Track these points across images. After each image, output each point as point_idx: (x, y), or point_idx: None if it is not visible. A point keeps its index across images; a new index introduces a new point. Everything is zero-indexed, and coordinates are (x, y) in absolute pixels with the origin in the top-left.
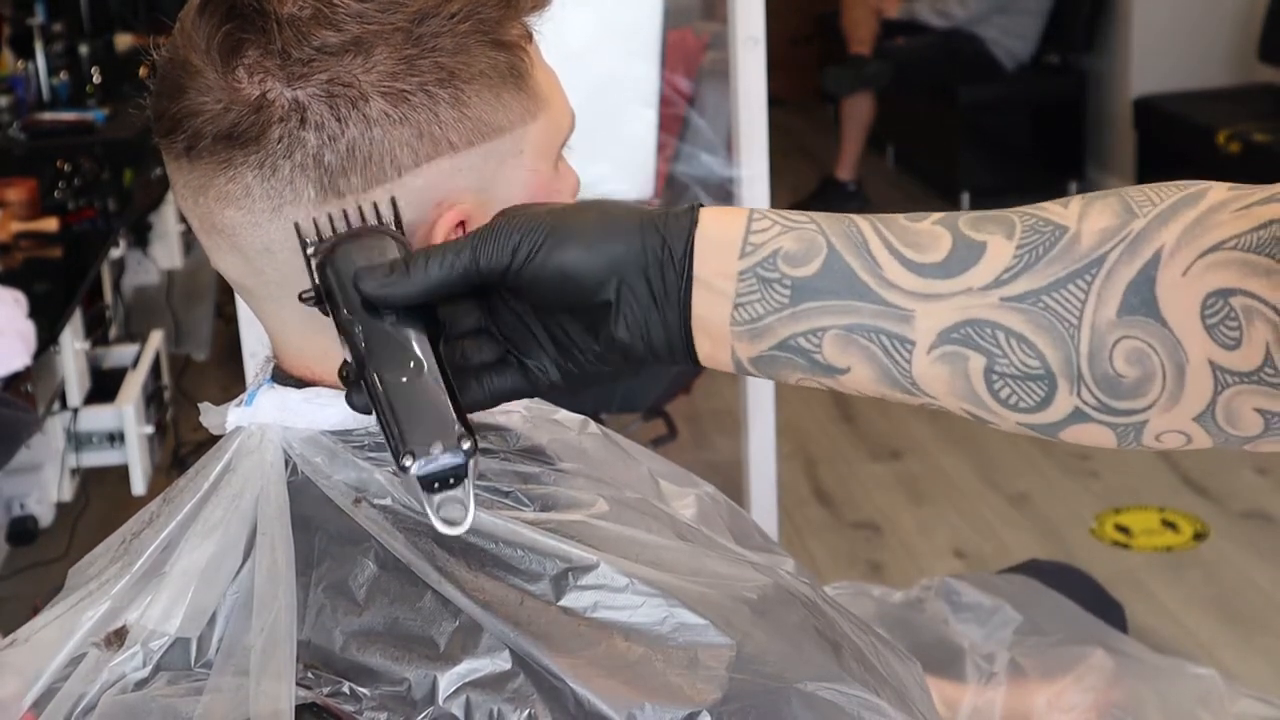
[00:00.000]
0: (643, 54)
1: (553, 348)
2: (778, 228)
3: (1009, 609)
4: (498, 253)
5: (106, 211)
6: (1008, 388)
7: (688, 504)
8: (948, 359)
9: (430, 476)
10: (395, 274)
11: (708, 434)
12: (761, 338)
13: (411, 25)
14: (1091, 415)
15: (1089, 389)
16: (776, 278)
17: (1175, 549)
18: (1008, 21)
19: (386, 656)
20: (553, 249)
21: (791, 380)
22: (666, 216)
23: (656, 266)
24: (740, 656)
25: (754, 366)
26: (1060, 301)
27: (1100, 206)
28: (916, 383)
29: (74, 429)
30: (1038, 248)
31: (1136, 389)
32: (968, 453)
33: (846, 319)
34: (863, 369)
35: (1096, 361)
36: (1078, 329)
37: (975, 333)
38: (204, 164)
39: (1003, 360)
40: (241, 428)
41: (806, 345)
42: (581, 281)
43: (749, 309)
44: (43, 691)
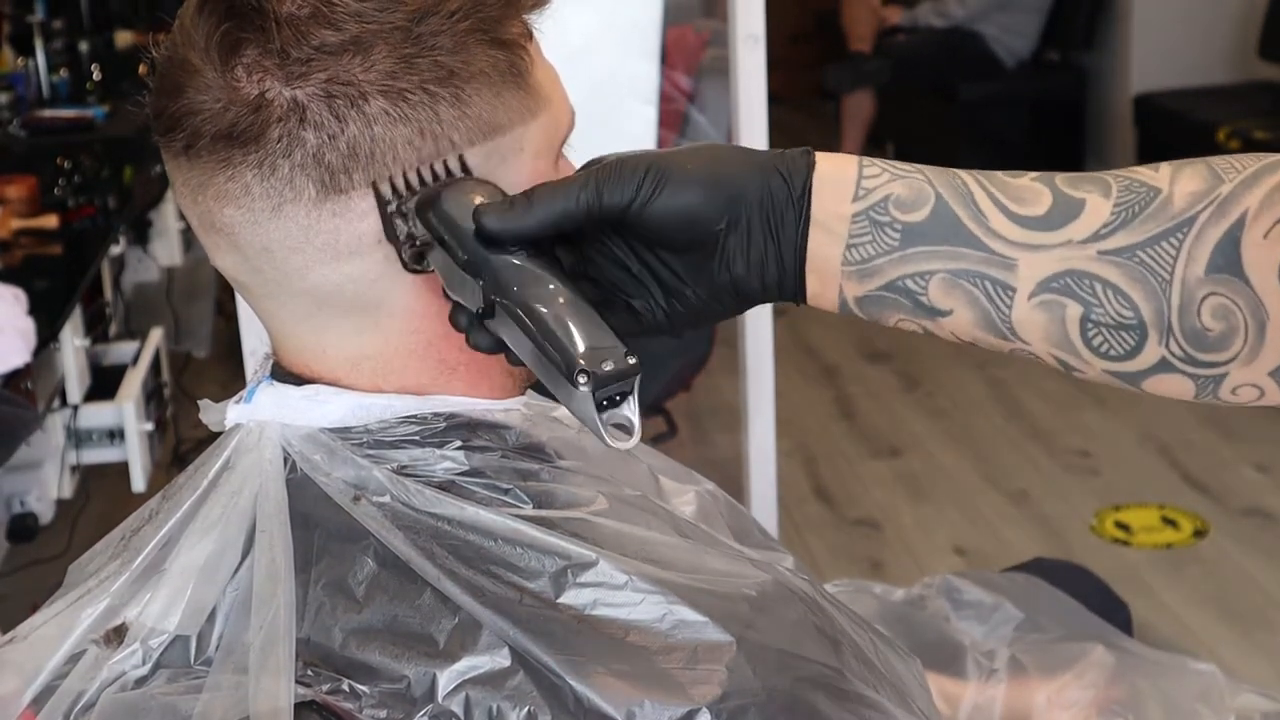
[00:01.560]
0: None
1: (658, 289)
2: (887, 174)
3: (1010, 606)
4: (622, 190)
5: (106, 209)
6: (1100, 335)
7: (687, 501)
8: (1047, 306)
9: (606, 392)
10: (517, 207)
11: (707, 431)
12: (870, 278)
13: (411, 24)
14: (1176, 366)
15: (1177, 341)
16: (888, 221)
17: (1175, 546)
18: (1008, 19)
19: (386, 654)
20: (677, 187)
21: (891, 321)
22: (784, 158)
23: (775, 205)
24: (740, 653)
25: (859, 306)
26: (1154, 257)
27: (1190, 172)
28: (1014, 328)
29: (74, 426)
30: (1133, 206)
31: (1221, 343)
32: (968, 450)
33: (953, 264)
34: (964, 312)
35: (1186, 315)
36: (1169, 284)
37: (1074, 283)
38: (203, 163)
39: (1099, 309)
40: (241, 425)
41: (913, 287)
42: (703, 219)
43: (860, 250)
44: (42, 689)
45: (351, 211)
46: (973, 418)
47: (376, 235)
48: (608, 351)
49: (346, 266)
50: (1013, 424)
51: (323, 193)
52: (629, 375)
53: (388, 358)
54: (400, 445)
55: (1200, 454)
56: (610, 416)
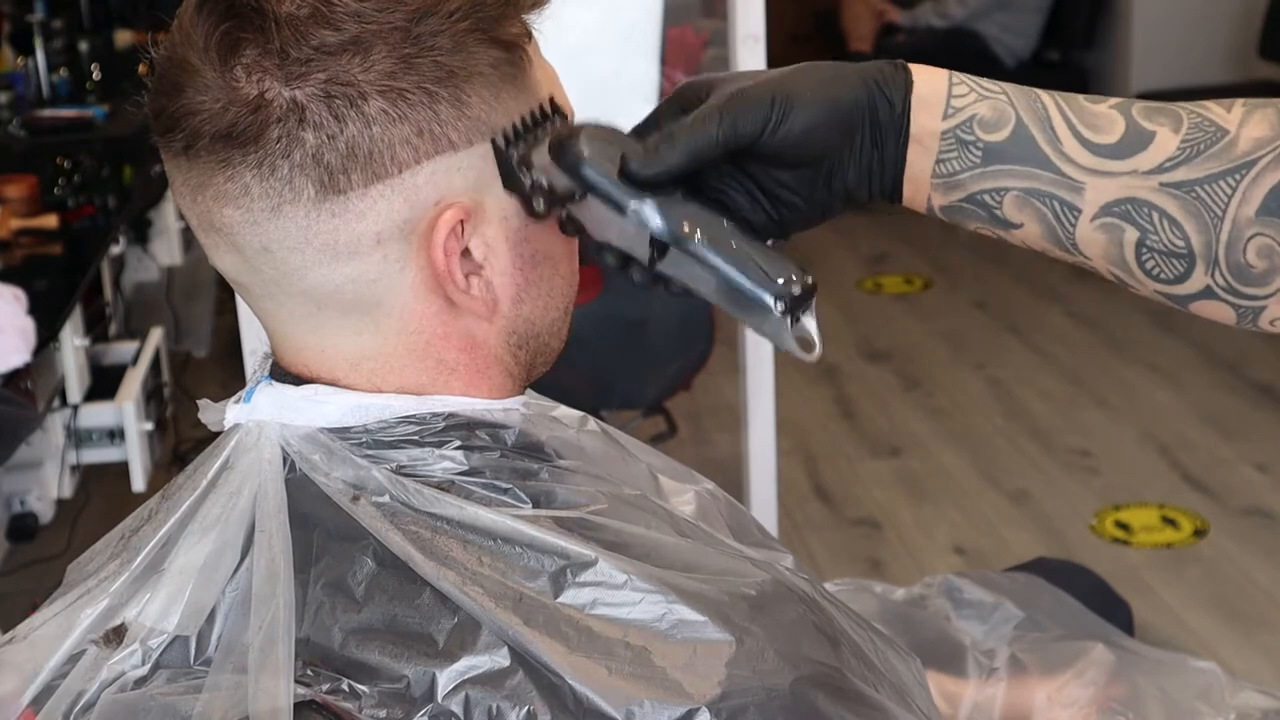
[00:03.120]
0: (642, 51)
1: (769, 202)
2: (974, 94)
3: (1010, 606)
4: (754, 121)
5: (106, 208)
6: (1153, 260)
7: (687, 500)
8: (1107, 229)
9: (797, 309)
10: (662, 149)
11: (707, 431)
12: (954, 190)
13: (410, 24)
14: (1219, 295)
15: (1222, 273)
16: (972, 140)
17: (1175, 546)
18: (1008, 18)
19: (385, 653)
20: (800, 114)
21: (970, 227)
22: (884, 74)
23: (881, 119)
24: (739, 653)
25: (943, 213)
26: (1211, 194)
27: (1259, 117)
28: (1077, 244)
29: (74, 426)
30: (1200, 144)
31: (1263, 279)
32: (968, 450)
33: (1026, 183)
34: (1033, 226)
35: (1232, 250)
36: (1221, 220)
37: (1134, 210)
38: (202, 163)
39: (1154, 236)
40: (240, 425)
41: (990, 201)
42: (822, 138)
43: (947, 164)
44: (41, 689)
45: (350, 212)
46: (973, 418)
47: (375, 235)
48: (790, 272)
49: (345, 267)
50: (1013, 424)
51: (322, 193)
52: (810, 293)
53: (386, 358)
54: (399, 445)
55: (1200, 454)
56: (798, 331)
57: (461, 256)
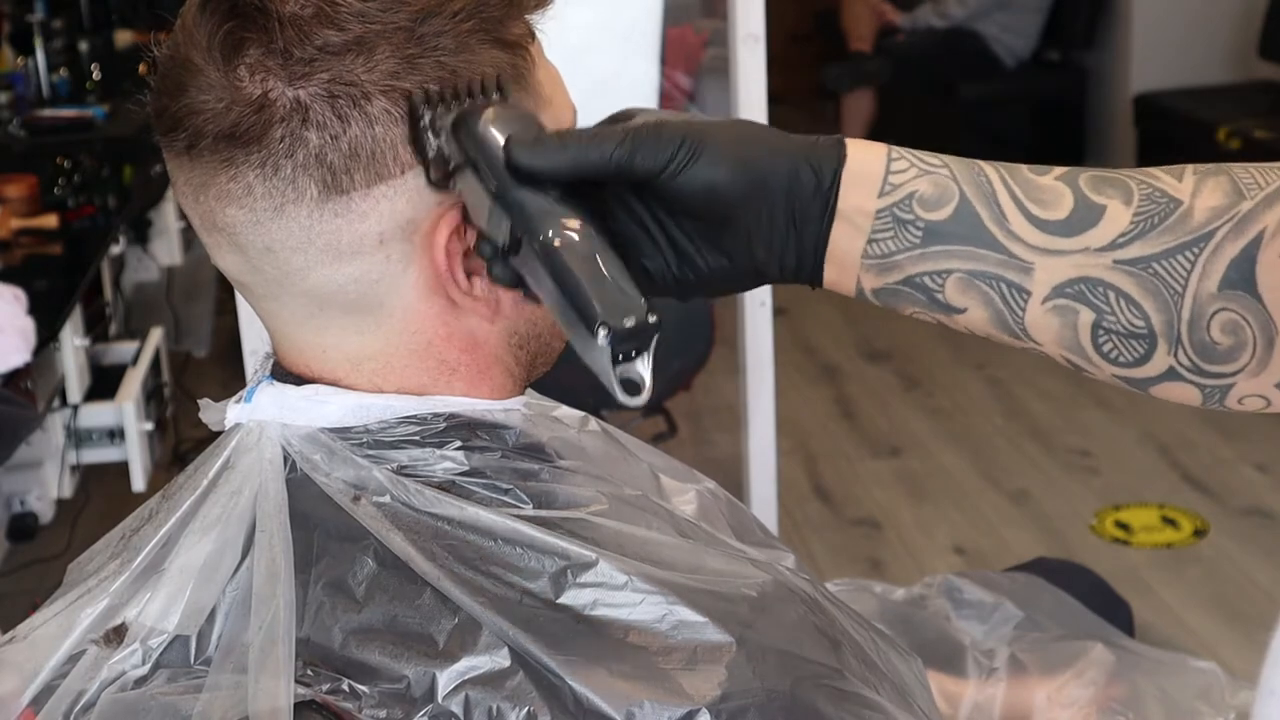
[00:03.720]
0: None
1: (672, 254)
2: (914, 169)
3: (1010, 606)
4: (656, 156)
5: (106, 208)
6: (1111, 342)
7: (688, 500)
8: (1060, 311)
9: (622, 347)
10: (549, 147)
11: (708, 431)
12: (889, 272)
13: (414, 24)
14: (1183, 375)
15: (1185, 352)
16: (911, 219)
17: (1175, 546)
18: (1008, 18)
19: (385, 654)
20: (707, 163)
21: (907, 311)
22: (816, 148)
23: (803, 197)
24: (740, 654)
25: (875, 296)
26: (1168, 270)
27: (1212, 185)
28: (1026, 329)
29: (74, 425)
30: (1153, 217)
31: (1229, 356)
32: (968, 450)
33: (971, 264)
34: (978, 311)
35: (1195, 328)
36: (1181, 296)
37: (1088, 290)
38: (205, 163)
39: (1110, 317)
40: (240, 424)
41: (930, 285)
42: (728, 200)
43: (882, 245)
44: (41, 688)
45: (353, 212)
46: (973, 418)
47: (378, 236)
48: (631, 306)
49: (348, 267)
50: (1013, 424)
51: (325, 193)
52: (648, 333)
53: (388, 358)
54: (400, 445)
55: (1200, 454)
56: (623, 371)
57: (464, 257)
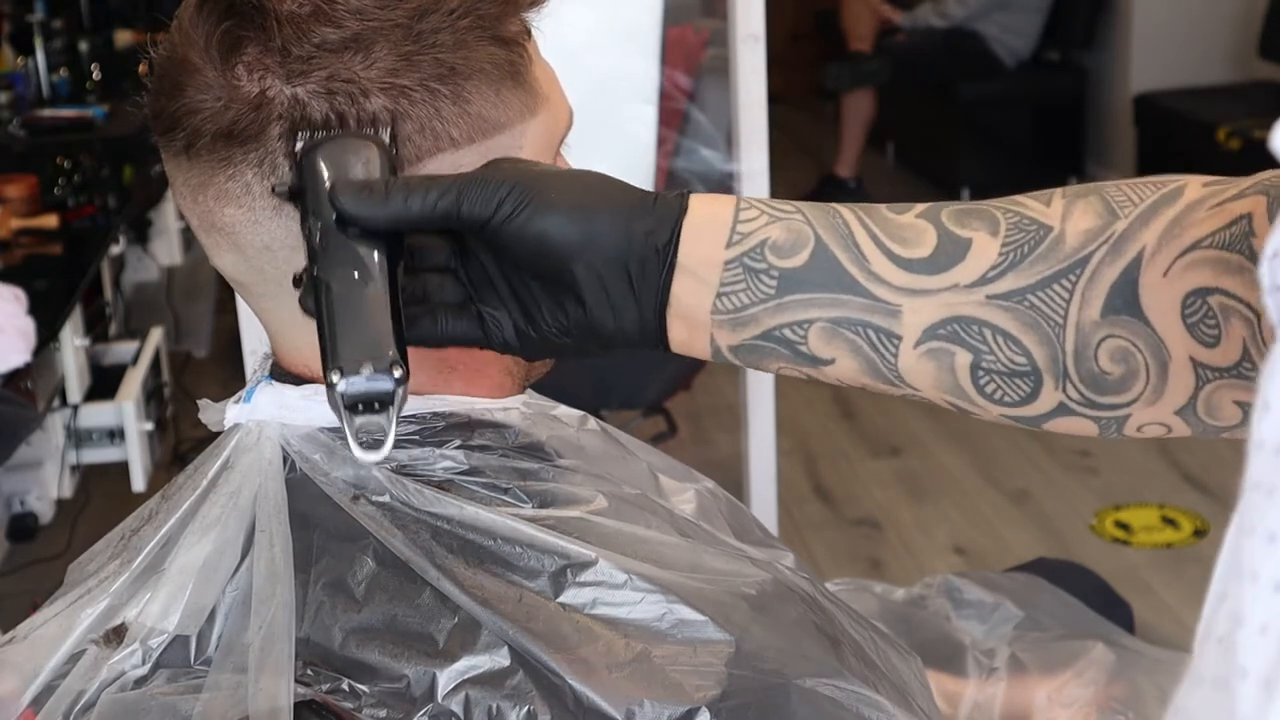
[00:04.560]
0: (642, 51)
1: (516, 308)
2: (765, 217)
3: (1010, 605)
4: (482, 204)
5: (106, 208)
6: (993, 383)
7: (687, 499)
8: (934, 354)
9: (354, 397)
10: (374, 195)
11: (708, 430)
12: (745, 327)
13: (411, 21)
14: (1075, 410)
15: (1074, 385)
16: (763, 268)
17: (1175, 546)
18: (1008, 18)
19: (385, 653)
20: (536, 213)
21: (772, 369)
22: (656, 200)
23: (638, 251)
24: (739, 653)
25: (733, 355)
26: (1045, 301)
27: (1083, 206)
28: (902, 376)
29: (74, 425)
30: (1022, 246)
31: (1121, 385)
32: (968, 450)
33: (834, 311)
34: (847, 361)
35: (1082, 359)
36: (1063, 328)
37: (962, 330)
38: (203, 162)
39: (989, 357)
40: (240, 424)
41: (792, 336)
42: (559, 252)
43: (733, 298)
44: (42, 688)
45: None
46: (973, 417)
47: None
48: (374, 357)
49: None
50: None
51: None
52: (385, 388)
53: None
54: (399, 444)
55: (1200, 454)
56: (365, 423)
57: None
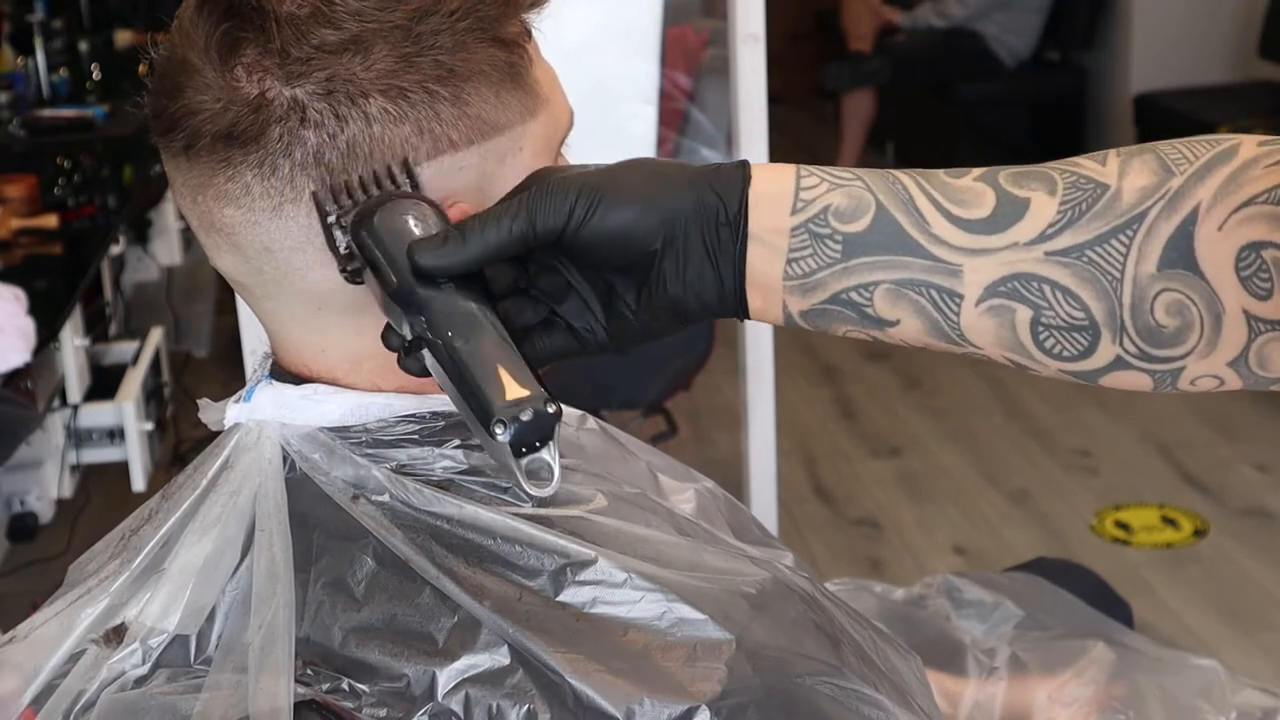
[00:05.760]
0: (642, 51)
1: (600, 307)
2: (826, 184)
3: (1010, 605)
4: (554, 215)
5: (106, 208)
6: (1052, 338)
7: (687, 499)
8: (995, 311)
9: (519, 441)
10: (450, 243)
11: (707, 430)
12: (814, 292)
13: (411, 23)
14: (1132, 363)
15: (1130, 339)
16: (828, 233)
17: (1175, 546)
18: (1008, 18)
19: (385, 653)
20: (609, 209)
21: (839, 332)
22: (718, 172)
23: (711, 222)
24: (739, 651)
25: (804, 320)
26: (1103, 256)
27: (1138, 164)
28: (964, 334)
29: (74, 425)
30: (1080, 204)
31: (1176, 338)
32: (968, 449)
33: (897, 274)
34: (912, 321)
35: (1138, 313)
36: (1120, 282)
37: (1022, 286)
38: (203, 163)
39: (1049, 312)
40: (240, 424)
41: (858, 299)
42: (637, 240)
43: (802, 264)
44: (42, 688)
45: None
46: (973, 417)
47: None
48: (527, 399)
49: None
50: (1013, 424)
51: (336, 177)
52: (546, 424)
53: (387, 357)
54: (399, 444)
55: (1200, 454)
56: (530, 463)
57: None
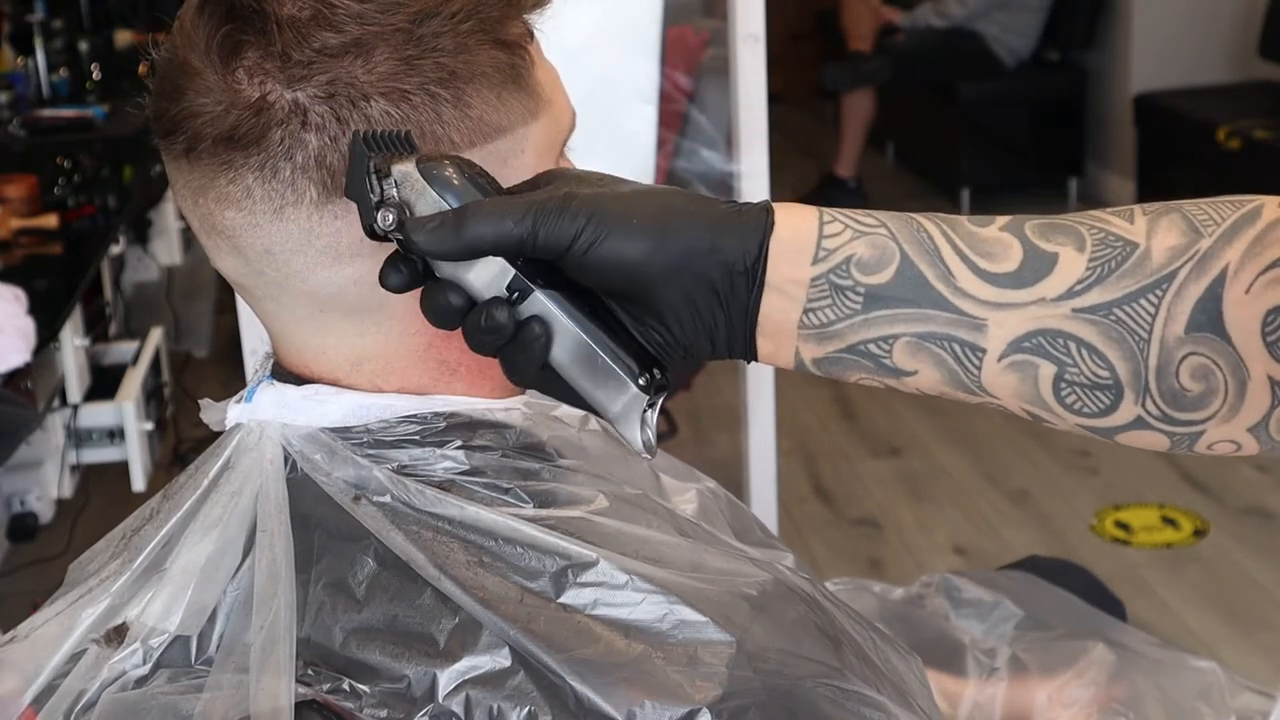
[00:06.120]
0: (642, 51)
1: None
2: (850, 232)
3: (1009, 604)
4: (559, 235)
5: (106, 208)
6: (1074, 395)
7: (688, 499)
8: (1018, 367)
9: (655, 393)
10: (445, 226)
11: (708, 430)
12: (830, 341)
13: (412, 25)
14: (1152, 424)
15: (1154, 400)
16: (850, 285)
17: (1175, 545)
18: (1008, 18)
19: (386, 653)
20: (619, 240)
21: (851, 379)
22: (740, 216)
23: (726, 269)
24: (740, 653)
25: (817, 367)
26: (1132, 315)
27: (1166, 224)
28: (984, 387)
29: (74, 425)
30: (1110, 261)
31: (1199, 402)
32: (968, 449)
33: (919, 326)
34: (930, 372)
35: (1164, 375)
36: (1148, 343)
37: (1047, 342)
38: (204, 165)
39: (1073, 369)
40: (241, 424)
41: (876, 351)
42: (645, 276)
43: (820, 314)
44: (43, 688)
45: (353, 214)
46: (972, 417)
47: None
48: (646, 364)
49: (348, 268)
50: (1013, 423)
51: (324, 195)
52: (665, 390)
53: (388, 358)
54: (400, 445)
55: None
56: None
57: None
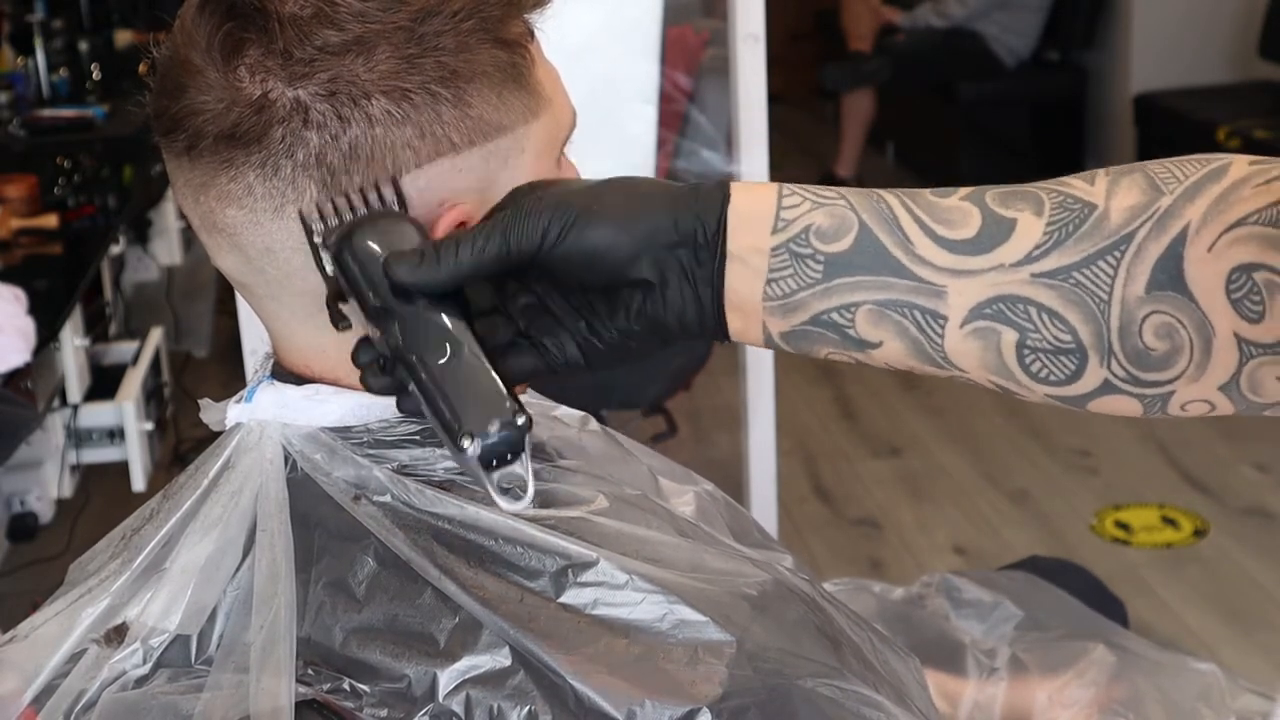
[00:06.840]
0: (642, 51)
1: (579, 324)
2: (808, 203)
3: (1010, 605)
4: (529, 235)
5: (106, 208)
6: (1039, 361)
7: (686, 501)
8: (980, 334)
9: (490, 455)
10: (426, 261)
11: (708, 431)
12: (794, 313)
13: (414, 24)
14: (1120, 387)
15: (1119, 362)
16: (809, 253)
17: (1175, 545)
18: (1008, 18)
19: (386, 653)
20: (584, 229)
21: (821, 354)
22: (698, 191)
23: (689, 243)
24: (740, 653)
25: (785, 341)
26: (1091, 277)
27: (1127, 183)
28: (948, 356)
29: (74, 425)
30: (1068, 225)
31: (1165, 361)
32: (968, 449)
33: (880, 294)
34: (895, 343)
35: (1127, 336)
36: (1108, 304)
37: (1007, 308)
38: (205, 163)
39: (1035, 335)
40: (241, 424)
41: (839, 320)
42: (613, 260)
43: (782, 284)
44: (43, 688)
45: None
46: (972, 417)
47: None
48: (496, 413)
49: None
50: (1013, 423)
51: (324, 194)
52: (515, 438)
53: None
54: (401, 444)
55: (1200, 454)
56: (502, 476)
57: None
